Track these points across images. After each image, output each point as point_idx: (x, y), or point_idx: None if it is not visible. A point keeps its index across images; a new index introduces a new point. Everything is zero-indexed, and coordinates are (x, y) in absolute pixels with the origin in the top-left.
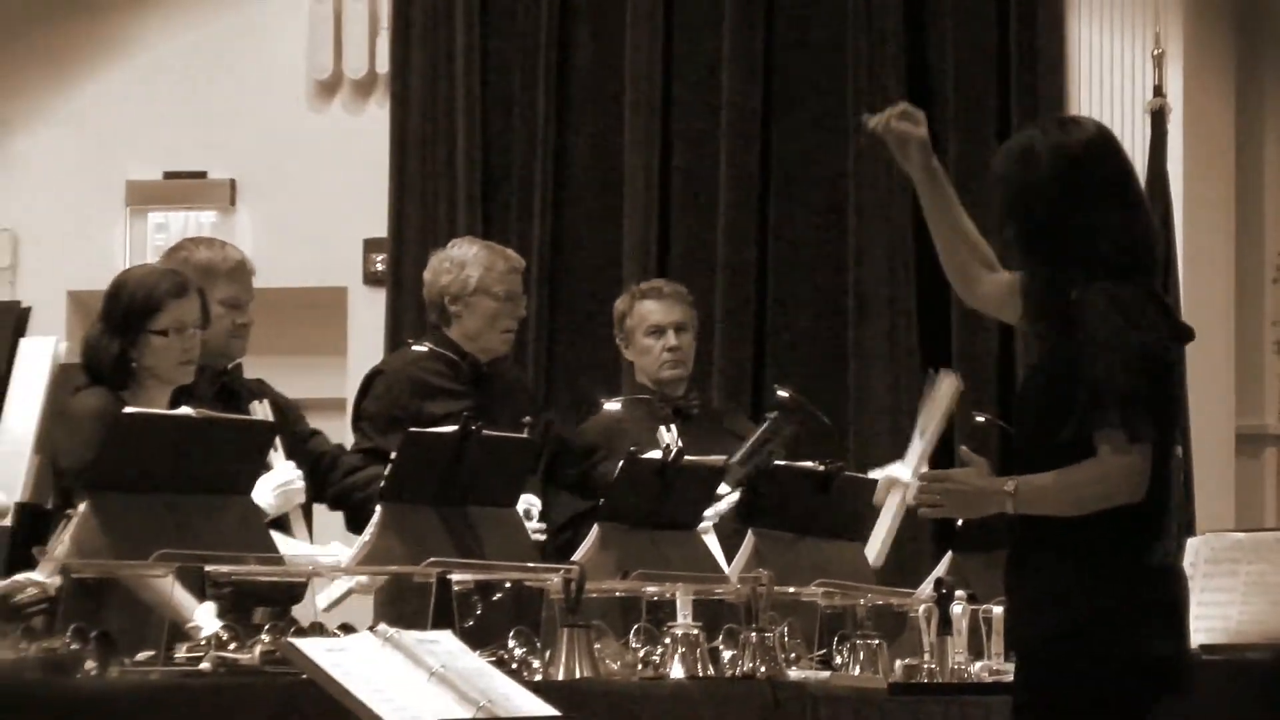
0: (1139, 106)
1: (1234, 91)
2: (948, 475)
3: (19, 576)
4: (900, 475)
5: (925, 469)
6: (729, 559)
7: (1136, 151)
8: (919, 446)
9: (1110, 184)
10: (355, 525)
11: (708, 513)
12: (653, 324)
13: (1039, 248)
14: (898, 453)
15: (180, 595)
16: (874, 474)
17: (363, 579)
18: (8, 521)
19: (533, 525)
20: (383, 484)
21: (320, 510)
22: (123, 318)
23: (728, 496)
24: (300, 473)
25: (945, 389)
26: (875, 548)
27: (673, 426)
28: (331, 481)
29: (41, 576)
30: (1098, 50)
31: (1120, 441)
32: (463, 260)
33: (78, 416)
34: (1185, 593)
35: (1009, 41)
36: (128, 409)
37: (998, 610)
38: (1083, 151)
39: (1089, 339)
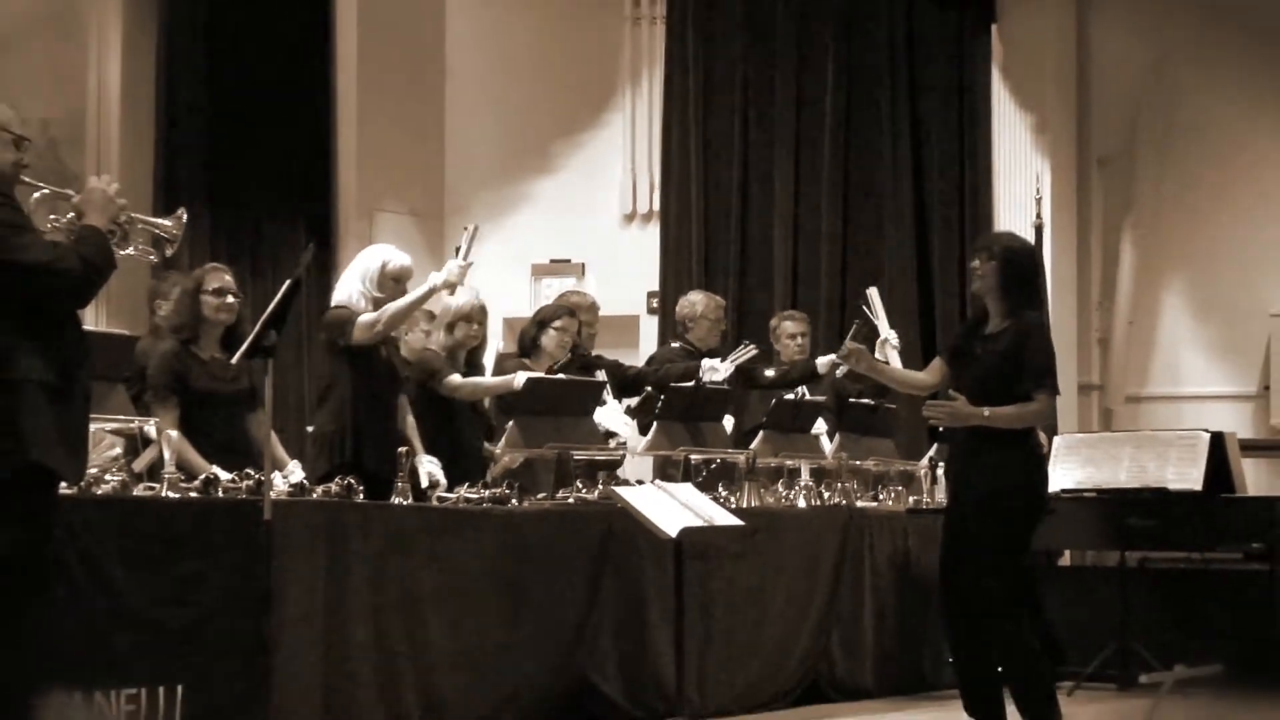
0: (1029, 222)
1: (1076, 216)
2: (945, 404)
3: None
4: (888, 338)
5: (893, 332)
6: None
7: None
8: (884, 324)
9: (1037, 269)
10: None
11: (819, 424)
12: (789, 333)
13: (1007, 290)
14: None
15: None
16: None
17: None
18: None
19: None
20: (656, 409)
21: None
22: (539, 323)
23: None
24: (619, 405)
25: (875, 298)
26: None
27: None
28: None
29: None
30: (1008, 193)
31: (1047, 394)
32: (693, 301)
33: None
34: (1046, 463)
35: (965, 183)
36: (532, 375)
37: None
38: (1031, 251)
39: (1032, 341)
